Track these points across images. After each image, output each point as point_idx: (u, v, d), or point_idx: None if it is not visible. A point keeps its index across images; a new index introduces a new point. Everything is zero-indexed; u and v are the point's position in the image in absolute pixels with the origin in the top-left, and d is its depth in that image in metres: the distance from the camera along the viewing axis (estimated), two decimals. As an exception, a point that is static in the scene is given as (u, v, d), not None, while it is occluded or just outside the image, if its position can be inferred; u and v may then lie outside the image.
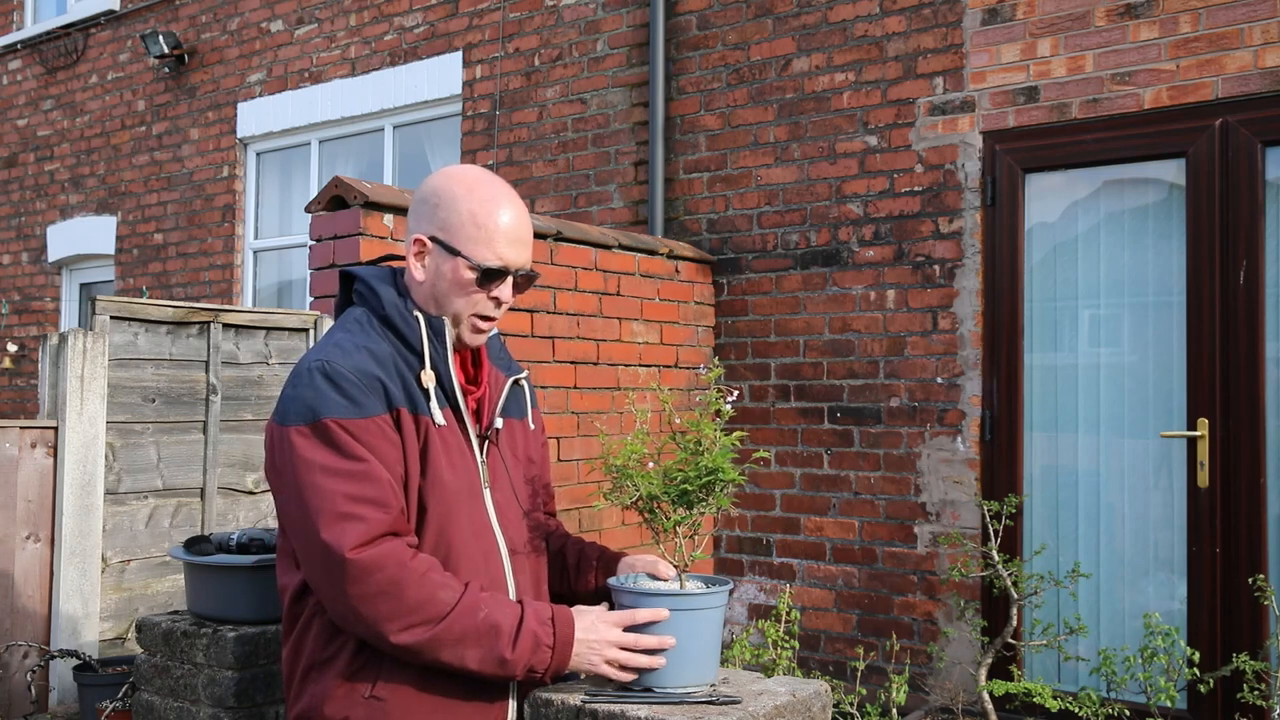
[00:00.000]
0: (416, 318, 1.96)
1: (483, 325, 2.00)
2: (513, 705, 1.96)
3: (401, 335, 1.95)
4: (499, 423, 2.04)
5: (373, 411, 1.84)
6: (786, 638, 3.83)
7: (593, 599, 2.10)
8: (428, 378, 1.93)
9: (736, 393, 5.22)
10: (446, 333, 1.97)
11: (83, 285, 8.78)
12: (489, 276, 1.95)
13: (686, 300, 5.19)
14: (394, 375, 1.90)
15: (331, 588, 1.79)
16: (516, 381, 2.14)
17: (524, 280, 2.02)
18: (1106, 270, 4.53)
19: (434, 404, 1.92)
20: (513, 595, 1.97)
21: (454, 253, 1.95)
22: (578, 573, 2.18)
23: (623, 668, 1.87)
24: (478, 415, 2.04)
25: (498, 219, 1.95)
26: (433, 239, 1.97)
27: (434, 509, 1.89)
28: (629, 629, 1.88)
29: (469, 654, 1.80)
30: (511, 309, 4.41)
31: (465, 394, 2.01)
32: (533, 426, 2.17)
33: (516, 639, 1.82)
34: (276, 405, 1.90)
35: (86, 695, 3.67)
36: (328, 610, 1.85)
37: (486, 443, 2.02)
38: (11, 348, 8.78)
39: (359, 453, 1.81)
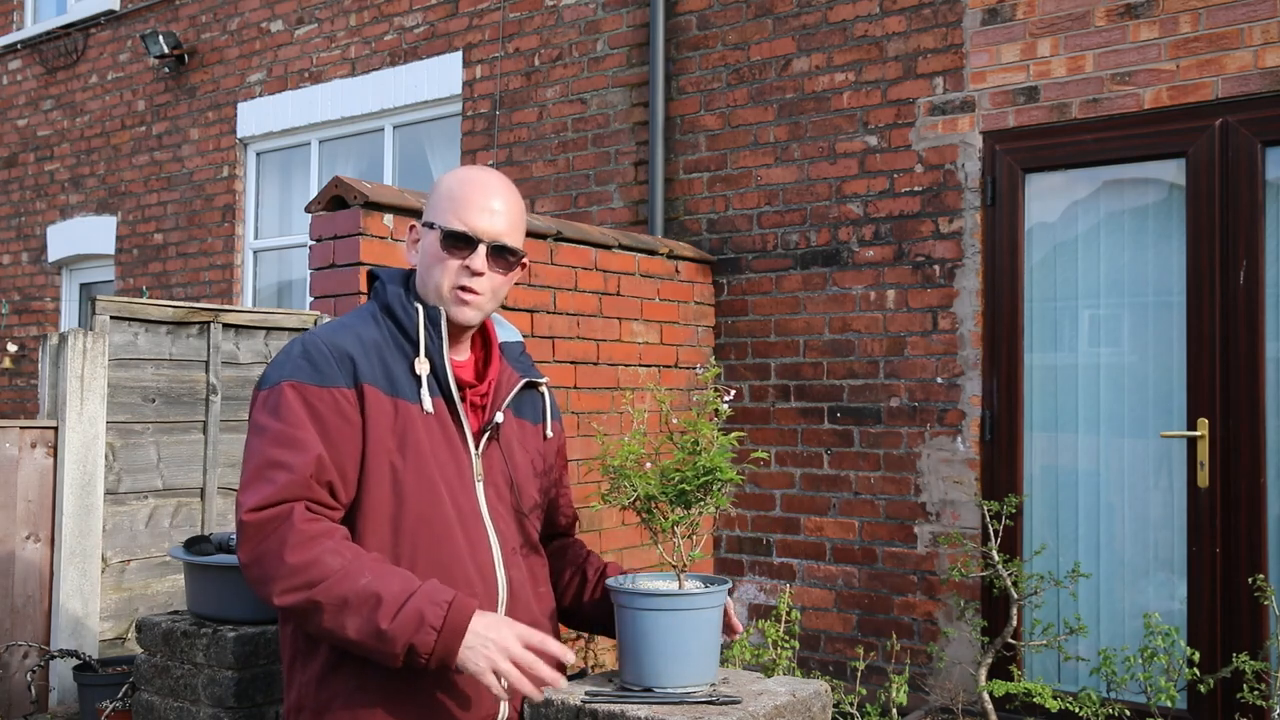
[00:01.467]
0: (416, 308, 1.99)
1: (465, 297, 2.00)
2: (504, 702, 1.94)
3: (400, 324, 1.99)
4: (499, 417, 2.04)
5: (332, 382, 1.87)
6: (786, 638, 3.82)
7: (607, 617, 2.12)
8: (421, 365, 1.95)
9: (734, 392, 5.23)
10: (443, 323, 1.99)
11: (83, 285, 8.78)
12: (452, 239, 1.98)
13: (686, 300, 5.19)
14: (374, 358, 1.93)
15: (237, 548, 1.82)
16: (534, 385, 2.15)
17: (498, 254, 2.01)
18: (1106, 270, 4.53)
19: (424, 391, 1.94)
20: (503, 590, 1.97)
21: (430, 226, 2.02)
22: (595, 588, 2.20)
23: (507, 684, 1.77)
24: (482, 411, 2.05)
25: (472, 192, 2.01)
26: (423, 223, 2.05)
27: (413, 494, 1.90)
28: (532, 649, 1.80)
29: (349, 622, 1.75)
30: (511, 309, 4.42)
31: (464, 387, 2.03)
32: (550, 435, 2.18)
33: (399, 612, 1.73)
34: None
35: (86, 695, 3.67)
36: None
37: (486, 438, 2.03)
38: (11, 348, 8.78)
39: (294, 418, 1.83)
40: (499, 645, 1.77)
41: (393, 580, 1.77)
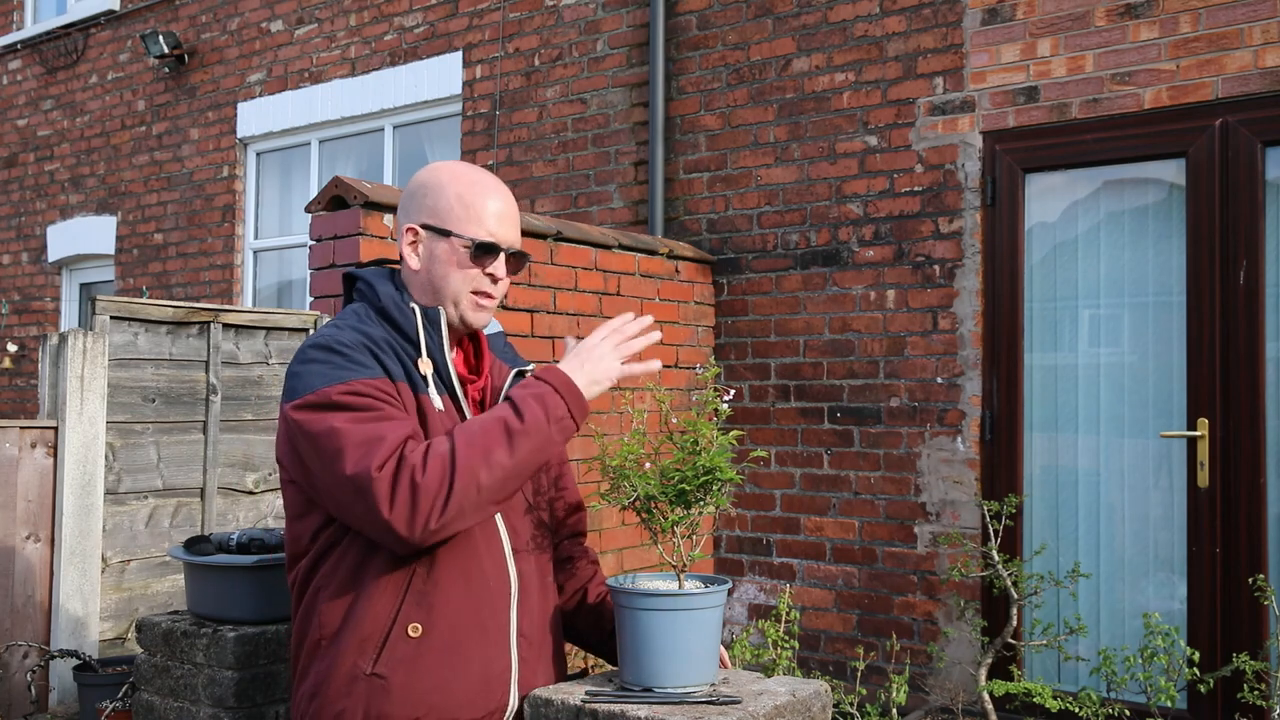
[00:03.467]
0: (412, 309, 1.99)
1: (483, 302, 2.04)
2: (514, 695, 1.95)
3: (398, 326, 1.98)
4: None
5: (375, 374, 1.88)
6: (786, 638, 3.82)
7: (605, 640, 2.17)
8: (424, 364, 1.96)
9: (733, 392, 5.23)
10: (442, 322, 2.00)
11: (83, 285, 8.78)
12: (482, 250, 2.01)
13: (686, 300, 5.19)
14: (390, 355, 1.93)
15: (370, 515, 1.78)
16: (521, 373, 2.16)
17: (515, 259, 2.07)
18: (1106, 270, 4.53)
19: (431, 390, 1.95)
20: (514, 584, 1.98)
21: (445, 234, 2.01)
22: (593, 610, 2.21)
23: (627, 354, 1.99)
24: (481, 406, 2.06)
25: (484, 198, 2.03)
26: (424, 226, 2.03)
27: None
28: (624, 339, 2.00)
29: (496, 455, 1.81)
30: (511, 309, 4.41)
31: (465, 383, 2.04)
32: None
33: (520, 412, 1.85)
34: (284, 387, 1.92)
35: (86, 695, 3.67)
36: (390, 547, 1.83)
37: None
38: (11, 348, 8.78)
39: (366, 403, 1.83)
40: (597, 353, 1.97)
41: (488, 413, 1.89)
